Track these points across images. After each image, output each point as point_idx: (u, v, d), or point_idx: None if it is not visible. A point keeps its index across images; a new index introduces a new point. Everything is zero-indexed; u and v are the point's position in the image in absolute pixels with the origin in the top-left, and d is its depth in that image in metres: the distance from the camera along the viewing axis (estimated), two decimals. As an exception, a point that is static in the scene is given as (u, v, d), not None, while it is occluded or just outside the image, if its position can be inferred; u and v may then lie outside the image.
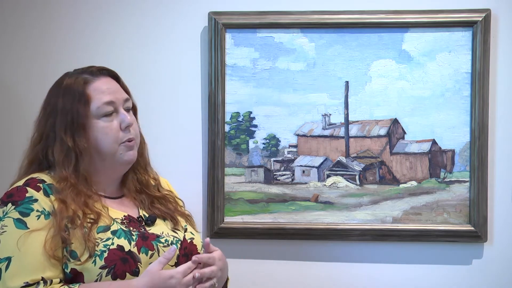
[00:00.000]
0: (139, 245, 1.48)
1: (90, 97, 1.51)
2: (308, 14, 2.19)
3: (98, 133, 1.51)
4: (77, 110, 1.49)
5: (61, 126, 1.49)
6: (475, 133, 2.17)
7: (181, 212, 1.69)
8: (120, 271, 1.43)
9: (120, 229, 1.48)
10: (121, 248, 1.44)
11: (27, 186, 1.46)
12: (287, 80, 2.21)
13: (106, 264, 1.42)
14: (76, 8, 2.26)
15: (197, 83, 2.25)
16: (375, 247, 2.23)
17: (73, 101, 1.50)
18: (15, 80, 2.28)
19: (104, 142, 1.51)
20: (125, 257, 1.44)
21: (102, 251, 1.42)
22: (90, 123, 1.50)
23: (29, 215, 1.41)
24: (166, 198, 1.68)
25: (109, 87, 1.54)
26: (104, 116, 1.52)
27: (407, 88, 2.20)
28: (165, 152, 2.24)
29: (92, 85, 1.53)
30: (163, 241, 1.54)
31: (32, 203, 1.43)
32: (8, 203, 1.43)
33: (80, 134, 1.49)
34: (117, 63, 1.85)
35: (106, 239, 1.45)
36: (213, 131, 2.21)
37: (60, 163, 1.48)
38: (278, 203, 2.24)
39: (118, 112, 1.54)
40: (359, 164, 2.23)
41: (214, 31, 2.19)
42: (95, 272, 1.41)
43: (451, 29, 2.17)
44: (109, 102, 1.52)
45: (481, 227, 2.18)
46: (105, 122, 1.52)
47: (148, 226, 1.57)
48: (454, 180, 2.20)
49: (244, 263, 2.24)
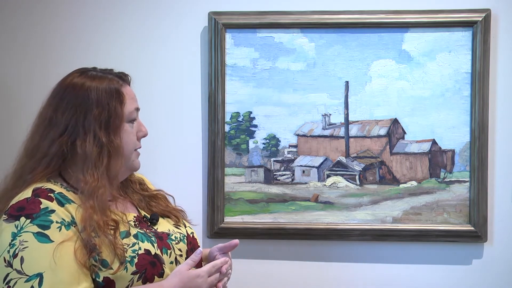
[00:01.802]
0: (160, 246, 1.50)
1: (125, 98, 1.50)
2: (308, 14, 2.19)
3: (124, 136, 1.50)
4: (115, 108, 1.47)
5: (96, 121, 1.44)
6: (475, 133, 2.17)
7: (173, 208, 1.71)
8: (150, 275, 1.44)
9: (138, 233, 1.49)
10: (148, 252, 1.45)
11: (39, 197, 1.38)
12: (287, 80, 2.22)
13: (138, 270, 1.42)
14: (76, 8, 2.26)
15: (197, 83, 2.25)
16: (375, 247, 2.24)
17: (111, 98, 1.47)
18: (16, 80, 2.28)
19: (127, 146, 1.51)
20: (153, 260, 1.45)
21: (132, 256, 1.42)
22: (119, 124, 1.48)
23: (49, 228, 1.35)
24: (157, 197, 1.70)
25: (134, 95, 1.56)
26: (130, 121, 1.53)
27: (407, 88, 2.20)
28: (165, 152, 2.25)
29: (123, 88, 1.53)
30: (174, 238, 1.56)
31: (50, 214, 1.36)
32: (21, 217, 1.35)
33: (116, 133, 1.47)
34: (117, 63, 1.85)
35: (132, 244, 1.45)
36: (213, 131, 2.21)
37: (93, 159, 1.42)
38: (278, 203, 2.24)
39: (137, 120, 1.56)
40: (359, 164, 2.23)
41: (214, 31, 2.19)
42: (128, 278, 1.41)
43: (451, 29, 2.17)
44: (137, 109, 1.56)
45: (481, 227, 2.18)
46: (129, 127, 1.52)
47: (154, 225, 1.58)
48: (454, 180, 2.20)
49: (244, 263, 2.24)
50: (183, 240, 1.58)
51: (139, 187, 1.69)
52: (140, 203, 1.64)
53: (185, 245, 1.58)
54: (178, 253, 1.54)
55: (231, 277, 1.73)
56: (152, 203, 1.66)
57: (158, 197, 1.70)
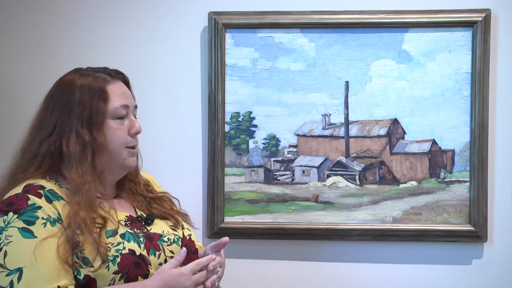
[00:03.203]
0: (147, 247, 1.49)
1: (109, 96, 1.52)
2: (308, 14, 2.19)
3: (109, 132, 1.51)
4: (96, 106, 1.49)
5: (78, 119, 1.47)
6: (475, 133, 2.17)
7: (177, 211, 1.71)
8: (133, 275, 1.44)
9: (127, 232, 1.49)
10: (132, 252, 1.45)
11: (28, 194, 1.41)
12: (287, 80, 2.22)
13: (120, 269, 1.42)
14: (76, 8, 2.26)
15: (197, 83, 2.25)
16: (375, 247, 2.23)
17: (93, 96, 1.49)
18: (16, 80, 2.28)
19: (113, 143, 1.51)
20: (137, 261, 1.45)
21: (115, 256, 1.42)
22: (103, 121, 1.50)
23: (34, 223, 1.37)
24: (162, 199, 1.69)
25: (124, 92, 1.57)
26: (118, 118, 1.53)
27: (407, 88, 2.20)
28: (165, 152, 2.25)
29: (111, 85, 1.54)
30: (166, 240, 1.55)
31: (36, 210, 1.39)
32: (9, 212, 1.38)
33: (99, 130, 1.48)
34: (118, 63, 1.85)
35: (117, 243, 1.45)
36: (213, 131, 2.21)
37: (77, 157, 1.46)
38: (278, 203, 2.24)
39: (128, 117, 1.56)
40: (359, 164, 2.23)
41: (214, 31, 2.19)
42: (109, 277, 1.41)
43: (451, 29, 2.17)
44: (125, 105, 1.54)
45: (481, 227, 2.18)
46: (117, 124, 1.53)
47: (148, 226, 1.57)
48: (454, 180, 2.20)
49: (244, 263, 2.24)
50: (177, 242, 1.57)
51: (143, 188, 1.68)
52: (139, 204, 1.63)
53: (178, 247, 1.56)
54: (169, 254, 1.53)
55: (231, 277, 1.73)
56: (155, 205, 1.65)
57: (163, 199, 1.69)
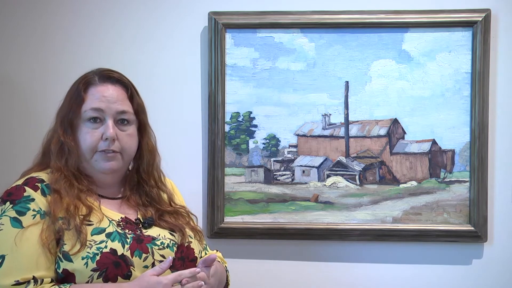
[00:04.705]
0: (133, 248, 1.47)
1: (84, 99, 1.54)
2: (308, 14, 2.19)
3: (80, 135, 1.54)
4: (71, 109, 1.54)
5: (59, 120, 1.56)
6: (475, 133, 2.17)
7: (192, 227, 1.66)
8: (112, 275, 1.43)
9: (115, 232, 1.48)
10: (113, 252, 1.45)
11: (26, 186, 1.48)
12: (287, 80, 2.22)
13: (98, 267, 1.42)
14: (76, 8, 2.26)
15: (197, 83, 2.25)
16: (375, 247, 2.23)
17: (71, 99, 1.56)
18: (16, 80, 2.27)
19: (83, 146, 1.54)
20: (117, 261, 1.44)
21: (95, 253, 1.43)
22: (78, 124, 1.54)
23: (25, 214, 1.43)
24: (179, 213, 1.66)
25: (106, 95, 1.55)
26: (89, 121, 1.54)
27: (407, 88, 2.20)
28: (165, 152, 2.23)
29: (93, 88, 1.55)
30: (159, 243, 1.52)
31: (29, 202, 1.45)
32: (7, 202, 1.46)
33: (68, 132, 1.54)
34: (118, 63, 1.85)
35: (100, 241, 1.45)
36: (213, 131, 2.21)
37: (55, 155, 1.54)
38: (278, 203, 2.24)
39: (106, 121, 1.54)
40: (359, 164, 2.23)
41: (214, 31, 2.19)
42: (87, 274, 1.42)
43: (451, 29, 2.17)
44: (97, 108, 1.53)
45: (481, 227, 2.18)
46: (88, 128, 1.54)
47: (145, 229, 1.55)
48: (454, 180, 2.20)
49: (244, 263, 2.24)
50: (171, 247, 1.53)
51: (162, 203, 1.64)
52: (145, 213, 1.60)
53: (172, 252, 1.52)
54: (159, 258, 1.49)
55: (231, 277, 1.73)
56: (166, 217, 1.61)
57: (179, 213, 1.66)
